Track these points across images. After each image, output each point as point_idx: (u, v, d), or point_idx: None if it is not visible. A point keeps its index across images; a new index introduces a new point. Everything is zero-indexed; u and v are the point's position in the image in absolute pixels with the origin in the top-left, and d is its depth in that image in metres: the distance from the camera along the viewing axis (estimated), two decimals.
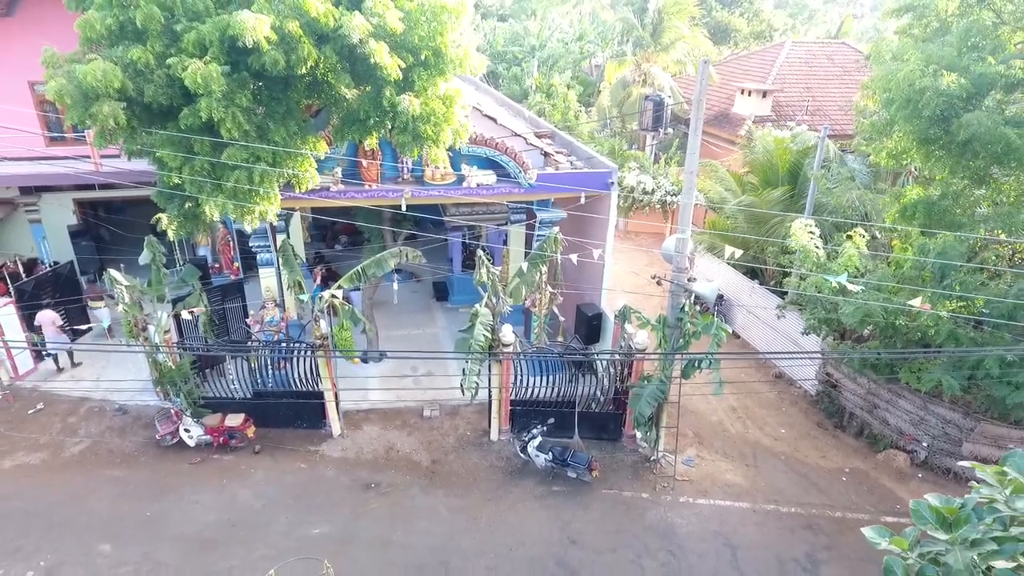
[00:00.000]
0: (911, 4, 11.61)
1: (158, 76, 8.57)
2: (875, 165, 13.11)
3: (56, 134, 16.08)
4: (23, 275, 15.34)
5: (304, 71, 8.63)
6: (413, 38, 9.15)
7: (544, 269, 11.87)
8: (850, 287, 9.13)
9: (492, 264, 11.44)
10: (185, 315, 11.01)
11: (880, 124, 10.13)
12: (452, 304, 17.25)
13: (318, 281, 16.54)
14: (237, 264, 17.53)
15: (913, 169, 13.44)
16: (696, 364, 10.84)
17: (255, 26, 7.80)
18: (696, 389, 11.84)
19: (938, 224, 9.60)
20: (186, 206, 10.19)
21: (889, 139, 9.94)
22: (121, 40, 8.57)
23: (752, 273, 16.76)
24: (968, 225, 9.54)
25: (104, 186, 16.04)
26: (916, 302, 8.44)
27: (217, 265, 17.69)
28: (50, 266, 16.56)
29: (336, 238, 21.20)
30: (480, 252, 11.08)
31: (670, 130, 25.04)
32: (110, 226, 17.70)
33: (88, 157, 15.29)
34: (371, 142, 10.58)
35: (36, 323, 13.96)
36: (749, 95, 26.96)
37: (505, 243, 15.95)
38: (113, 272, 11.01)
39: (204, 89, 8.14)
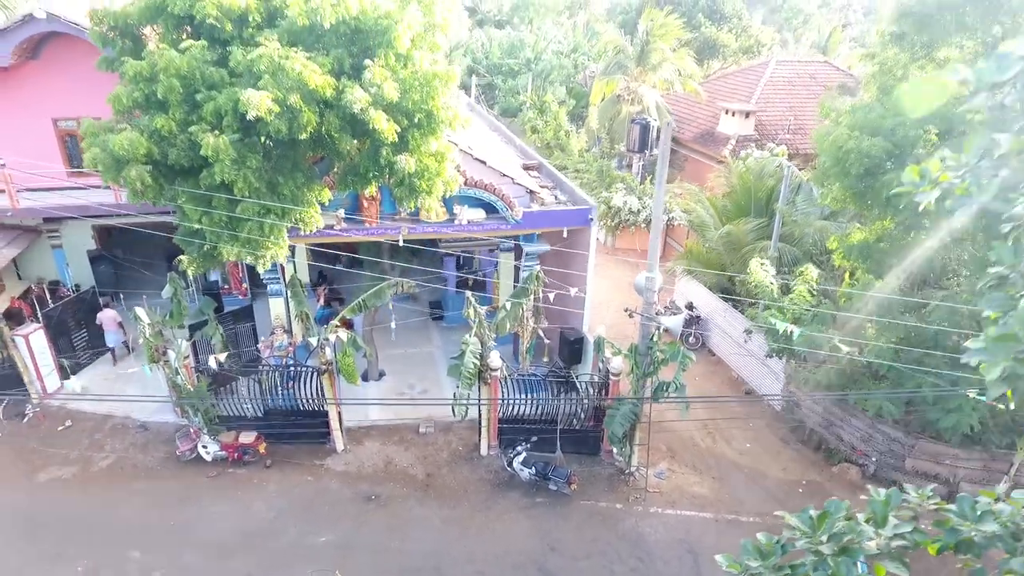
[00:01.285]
0: (873, 53, 12.75)
1: (180, 141, 9.76)
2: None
3: (77, 168, 17.20)
4: (48, 299, 16.58)
5: (306, 136, 9.82)
6: (408, 103, 10.32)
7: (527, 305, 13.06)
8: (791, 329, 10.34)
9: (484, 285, 12.65)
10: (212, 363, 12.22)
11: (820, 175, 11.33)
12: (447, 323, 18.42)
13: (321, 301, 17.76)
14: (245, 285, 18.73)
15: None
16: (665, 388, 12.05)
17: (258, 103, 8.96)
18: (670, 406, 13.03)
19: (876, 265, 10.81)
20: (204, 248, 11.37)
21: (830, 188, 11.14)
22: (147, 110, 9.75)
23: (728, 294, 17.96)
24: (901, 265, 10.75)
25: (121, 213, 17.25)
26: (844, 348, 9.66)
27: (227, 286, 18.86)
28: (72, 289, 17.76)
29: (338, 257, 22.36)
30: (468, 294, 12.28)
31: (656, 151, 26.13)
32: (126, 250, 18.88)
33: (109, 187, 16.50)
34: (370, 191, 11.77)
35: (98, 322, 15.89)
36: (733, 115, 28.05)
37: (496, 268, 17.19)
38: (138, 310, 12.18)
39: (216, 158, 9.33)
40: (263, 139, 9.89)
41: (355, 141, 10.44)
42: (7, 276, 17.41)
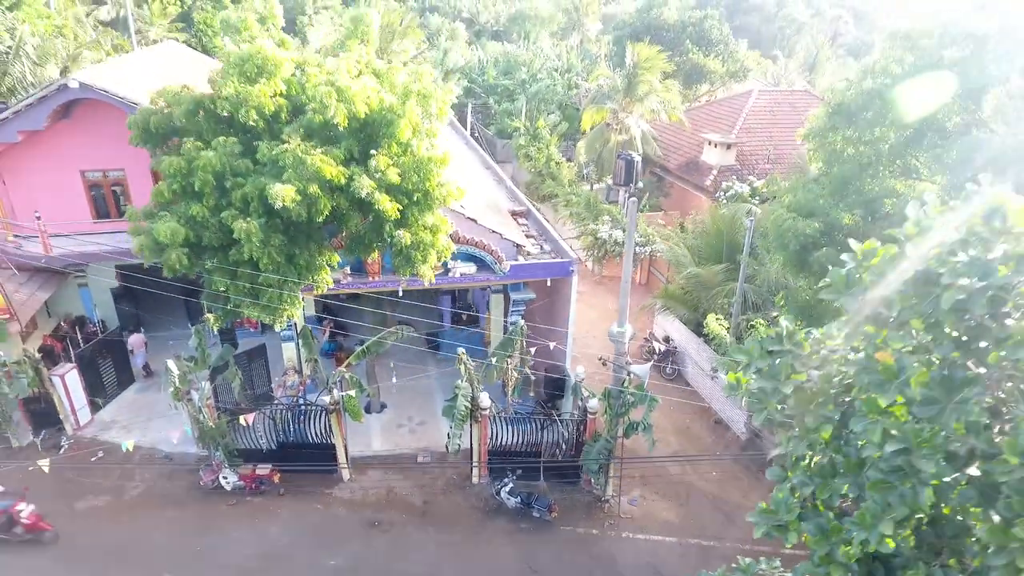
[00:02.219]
0: (810, 133, 14.21)
1: (212, 224, 11.29)
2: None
3: (102, 218, 18.66)
4: (78, 335, 18.15)
5: (322, 218, 11.35)
6: (408, 184, 11.85)
7: (509, 361, 14.62)
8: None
9: (477, 320, 14.08)
10: (242, 421, 13.85)
11: (767, 245, 12.86)
12: (443, 355, 19.94)
13: (326, 335, 19.29)
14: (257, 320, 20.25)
15: None
16: (635, 426, 13.62)
17: (283, 195, 10.49)
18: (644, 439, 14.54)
19: (817, 322, 12.32)
20: (228, 306, 12.91)
21: (774, 258, 12.67)
22: (183, 198, 11.28)
23: (701, 328, 19.51)
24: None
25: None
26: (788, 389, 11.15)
27: (239, 320, 20.37)
28: (97, 323, 19.29)
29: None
30: (461, 351, 13.86)
31: (640, 184, 27.65)
32: (146, 286, 20.39)
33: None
34: (373, 256, 13.31)
35: (129, 347, 18.22)
36: (715, 146, 29.55)
37: (488, 303, 18.73)
38: (169, 363, 13.72)
39: (246, 239, 10.87)
40: (284, 222, 11.43)
41: (361, 217, 11.97)
42: (38, 314, 18.90)
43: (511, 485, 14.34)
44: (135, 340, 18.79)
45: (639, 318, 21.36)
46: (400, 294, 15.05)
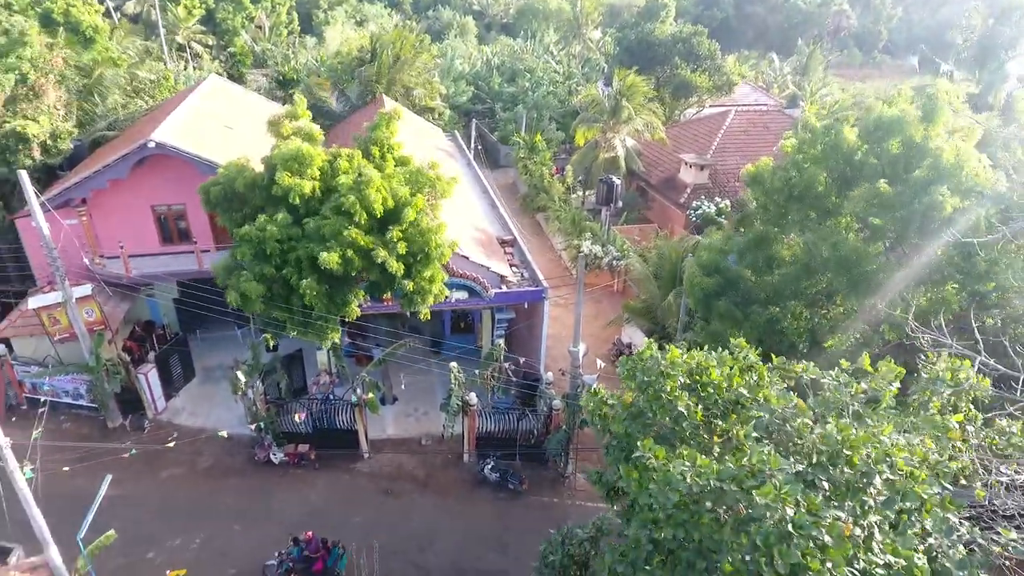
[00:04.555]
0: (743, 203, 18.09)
1: (277, 279, 15.51)
2: None
3: (167, 243, 22.88)
4: (151, 336, 22.59)
5: (354, 272, 15.54)
6: (412, 248, 15.96)
7: (488, 371, 18.84)
8: None
9: (472, 327, 18.14)
10: (296, 419, 18.24)
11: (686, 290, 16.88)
12: (445, 354, 24.19)
13: (347, 339, 23.57)
14: None
15: None
16: (586, 421, 17.86)
17: (329, 260, 14.65)
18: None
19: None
20: (283, 331, 17.18)
21: (692, 301, 16.68)
22: (255, 259, 15.46)
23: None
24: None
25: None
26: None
27: None
28: (162, 327, 23.73)
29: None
30: (452, 364, 18.09)
31: (620, 203, 31.46)
32: (202, 296, 24.76)
33: (191, 252, 22.28)
34: (387, 295, 17.46)
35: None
36: (691, 167, 33.22)
37: (480, 316, 22.94)
38: (238, 373, 18.06)
39: (307, 291, 15.08)
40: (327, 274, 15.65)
41: (378, 272, 16.15)
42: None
43: (492, 463, 18.70)
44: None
45: (606, 329, 25.53)
46: (408, 313, 19.25)
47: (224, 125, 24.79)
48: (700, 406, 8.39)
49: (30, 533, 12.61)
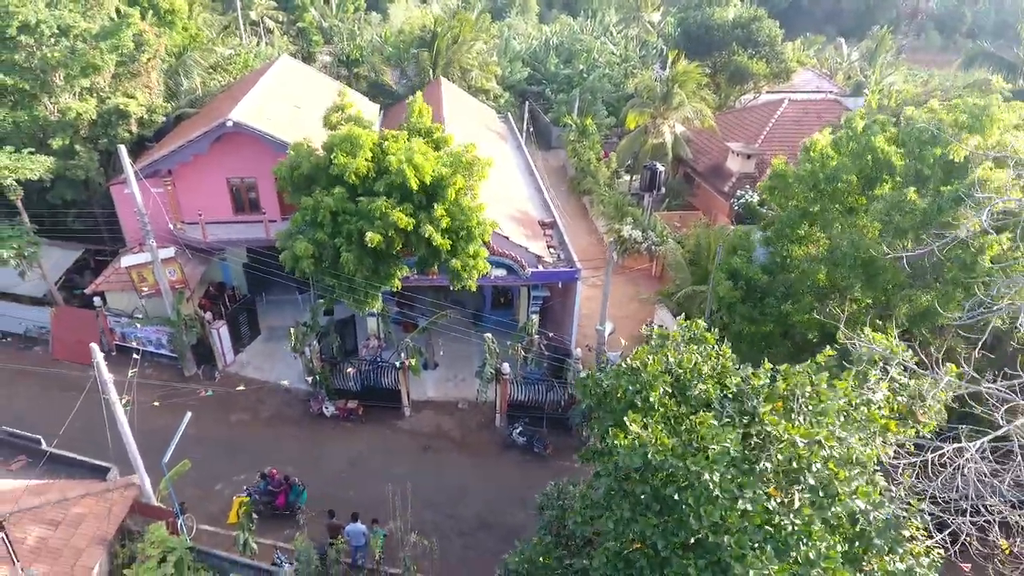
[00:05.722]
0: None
1: (328, 246, 17.39)
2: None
3: (239, 212, 25.22)
4: (224, 298, 25.05)
5: (395, 250, 17.28)
6: (456, 225, 17.54)
7: (527, 340, 20.36)
8: None
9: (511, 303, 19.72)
10: (348, 371, 20.32)
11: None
12: (484, 325, 25.89)
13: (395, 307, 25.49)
14: None
15: None
16: None
17: (373, 239, 16.41)
18: None
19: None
20: (333, 296, 19.15)
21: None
22: (311, 225, 17.36)
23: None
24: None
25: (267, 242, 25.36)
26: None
27: None
28: (232, 288, 26.21)
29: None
30: (487, 335, 19.68)
31: (663, 190, 32.18)
32: (268, 262, 27.15)
33: (260, 222, 24.55)
34: (433, 270, 19.14)
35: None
36: (737, 156, 33.55)
37: (518, 292, 24.47)
38: (292, 331, 20.19)
39: (347, 263, 16.91)
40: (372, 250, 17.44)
41: (426, 246, 17.81)
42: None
43: (521, 428, 20.37)
44: None
45: (640, 310, 26.67)
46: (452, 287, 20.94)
47: (294, 105, 26.82)
48: (675, 392, 9.65)
49: (124, 457, 14.97)
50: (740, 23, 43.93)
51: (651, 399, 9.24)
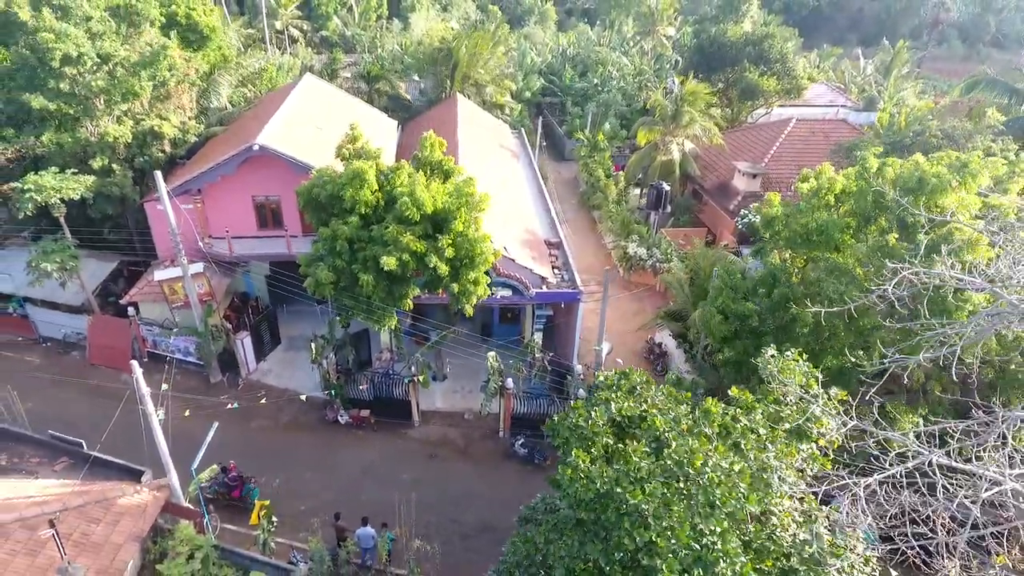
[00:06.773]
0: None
1: (346, 272, 18.78)
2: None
3: (263, 228, 26.77)
4: (248, 309, 26.63)
5: (410, 273, 18.62)
6: (459, 252, 18.84)
7: (529, 357, 21.61)
8: None
9: (518, 318, 20.99)
10: (362, 386, 21.71)
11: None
12: (492, 341, 27.19)
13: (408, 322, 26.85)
14: None
15: None
16: None
17: (389, 263, 17.77)
18: None
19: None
20: (350, 315, 20.57)
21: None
22: (329, 253, 18.78)
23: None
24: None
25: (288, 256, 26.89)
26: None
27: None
28: (255, 299, 27.79)
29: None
30: (491, 354, 20.95)
31: (669, 208, 33.21)
32: (289, 274, 28.70)
33: (282, 237, 26.08)
34: (441, 291, 20.47)
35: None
36: (743, 175, 34.39)
37: (523, 310, 25.73)
38: (312, 344, 21.65)
39: (366, 286, 18.29)
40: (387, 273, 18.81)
41: (431, 273, 19.14)
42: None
43: (523, 440, 21.62)
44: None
45: (640, 329, 27.76)
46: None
47: (316, 126, 28.32)
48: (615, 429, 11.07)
49: (157, 460, 16.49)
50: (752, 40, 44.61)
51: (596, 441, 10.61)
